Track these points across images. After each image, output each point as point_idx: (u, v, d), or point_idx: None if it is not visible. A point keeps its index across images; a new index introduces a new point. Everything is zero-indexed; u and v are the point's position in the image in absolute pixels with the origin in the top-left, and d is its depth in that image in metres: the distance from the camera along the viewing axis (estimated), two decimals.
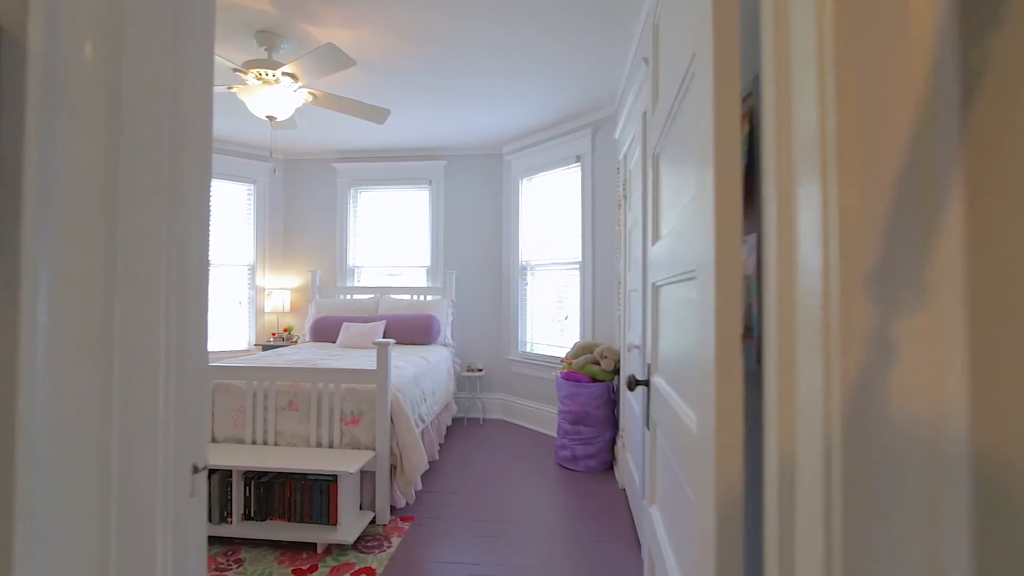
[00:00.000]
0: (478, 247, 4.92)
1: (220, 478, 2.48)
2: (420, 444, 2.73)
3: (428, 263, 4.99)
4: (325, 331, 4.44)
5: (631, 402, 2.83)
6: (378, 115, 3.09)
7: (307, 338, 4.59)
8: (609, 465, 3.44)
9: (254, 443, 2.71)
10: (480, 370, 4.68)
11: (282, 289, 4.97)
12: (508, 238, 4.79)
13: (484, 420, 4.73)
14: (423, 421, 3.20)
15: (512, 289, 4.72)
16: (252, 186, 4.93)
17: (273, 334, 4.90)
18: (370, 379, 2.66)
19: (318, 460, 2.46)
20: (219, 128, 4.33)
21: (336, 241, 5.07)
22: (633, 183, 2.76)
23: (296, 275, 5.12)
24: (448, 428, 4.38)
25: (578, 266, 4.12)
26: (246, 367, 2.72)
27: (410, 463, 2.67)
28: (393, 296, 4.83)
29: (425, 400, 3.36)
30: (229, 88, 2.72)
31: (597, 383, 3.38)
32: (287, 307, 4.92)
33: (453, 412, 4.41)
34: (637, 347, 2.38)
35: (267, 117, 2.76)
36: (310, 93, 2.86)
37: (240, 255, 4.88)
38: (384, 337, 4.36)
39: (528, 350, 4.61)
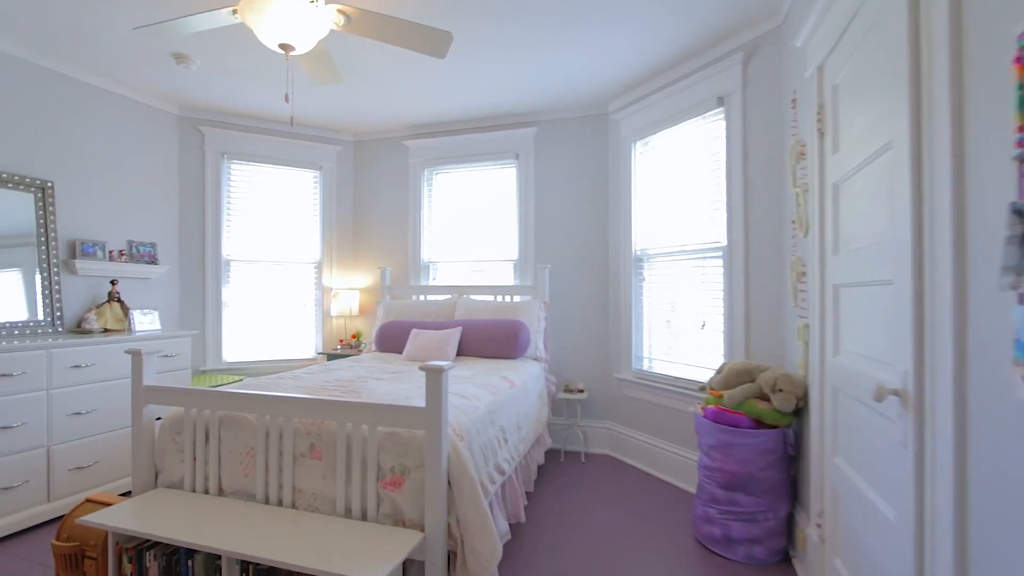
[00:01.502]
0: (578, 235, 3.89)
1: (204, 560, 1.72)
2: (491, 526, 1.77)
3: (515, 256, 4.06)
4: (391, 340, 3.67)
5: (845, 473, 1.63)
6: (436, 42, 2.20)
7: (372, 347, 3.86)
8: (784, 555, 2.24)
9: (267, 501, 1.93)
10: (581, 391, 3.65)
11: (350, 289, 4.32)
12: (617, 221, 3.70)
13: (586, 456, 3.68)
14: (502, 473, 2.25)
15: (623, 287, 3.63)
16: (318, 172, 4.33)
17: (341, 341, 4.26)
18: (417, 421, 1.76)
19: (336, 546, 1.60)
20: (278, 109, 3.75)
21: (409, 232, 4.32)
22: (848, 100, 1.58)
23: (365, 273, 4.45)
24: (539, 468, 3.39)
25: (720, 253, 2.93)
26: (253, 394, 1.95)
27: (475, 555, 1.72)
28: (473, 297, 3.96)
29: (507, 441, 2.41)
30: (233, 12, 1.98)
31: (765, 429, 2.20)
32: (355, 310, 4.25)
33: (547, 445, 3.42)
34: (895, 393, 1.22)
35: (281, 47, 1.98)
36: (340, 12, 2.04)
37: (307, 252, 4.30)
38: (461, 347, 3.49)
39: (645, 368, 3.49)
